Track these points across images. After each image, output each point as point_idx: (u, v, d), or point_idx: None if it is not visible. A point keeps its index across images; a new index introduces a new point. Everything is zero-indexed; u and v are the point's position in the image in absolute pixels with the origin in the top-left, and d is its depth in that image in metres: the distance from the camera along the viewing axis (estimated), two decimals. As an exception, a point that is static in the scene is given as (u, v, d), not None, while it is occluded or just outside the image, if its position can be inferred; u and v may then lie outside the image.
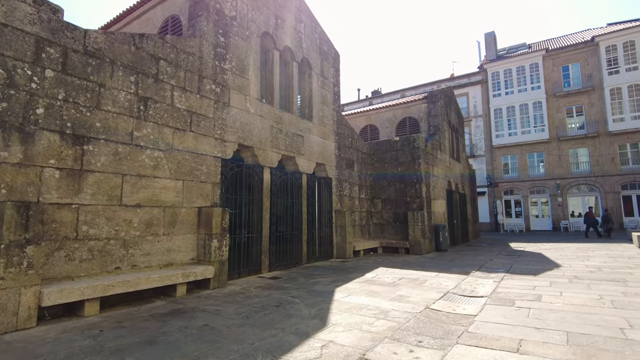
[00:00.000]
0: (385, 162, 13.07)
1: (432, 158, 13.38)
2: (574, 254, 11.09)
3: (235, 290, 6.02)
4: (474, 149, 29.68)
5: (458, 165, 17.37)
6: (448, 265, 8.85)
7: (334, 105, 11.14)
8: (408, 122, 15.83)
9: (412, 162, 12.41)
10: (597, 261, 9.18)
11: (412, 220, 11.76)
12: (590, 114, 25.42)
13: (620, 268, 7.93)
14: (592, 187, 25.10)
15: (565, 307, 4.68)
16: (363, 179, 12.69)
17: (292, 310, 4.67)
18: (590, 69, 25.64)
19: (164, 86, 6.12)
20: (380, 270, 8.09)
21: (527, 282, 6.55)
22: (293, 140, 9.10)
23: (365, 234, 12.55)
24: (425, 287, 6.21)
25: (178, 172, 6.21)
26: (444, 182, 14.59)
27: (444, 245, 12.53)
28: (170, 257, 5.98)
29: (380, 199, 13.04)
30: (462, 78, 31.13)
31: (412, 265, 8.90)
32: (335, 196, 10.82)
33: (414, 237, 11.64)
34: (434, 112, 14.91)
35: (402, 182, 12.55)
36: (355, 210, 11.96)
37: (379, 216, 12.99)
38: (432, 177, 13.22)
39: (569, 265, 8.62)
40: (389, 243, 12.11)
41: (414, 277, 7.22)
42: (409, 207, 12.27)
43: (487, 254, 11.45)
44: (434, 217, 13.07)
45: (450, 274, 7.51)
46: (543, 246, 14.10)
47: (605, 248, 12.57)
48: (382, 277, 7.26)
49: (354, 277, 7.18)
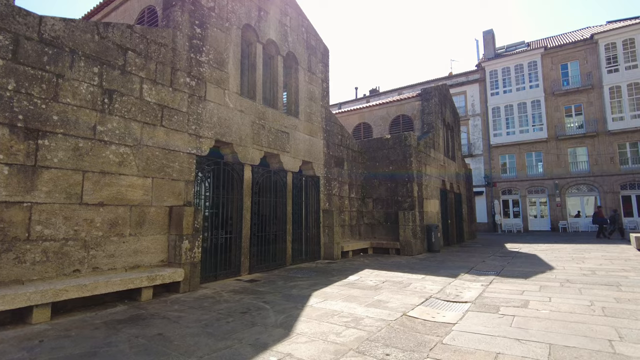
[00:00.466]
0: (376, 160, 12.74)
1: (424, 157, 13.04)
2: (569, 255, 10.76)
3: (206, 294, 5.70)
4: (472, 148, 29.33)
5: (453, 164, 17.03)
6: (437, 267, 8.52)
7: (322, 101, 10.80)
8: (401, 120, 15.49)
9: (403, 160, 12.08)
10: (592, 263, 8.84)
11: (402, 220, 11.43)
12: (589, 112, 25.05)
13: (615, 271, 7.59)
14: (591, 187, 24.75)
15: (552, 314, 4.35)
16: (354, 177, 12.36)
17: (258, 317, 4.34)
18: (590, 67, 25.27)
19: (132, 78, 5.80)
20: (365, 273, 7.76)
21: (516, 286, 6.22)
22: (277, 137, 8.77)
23: (355, 234, 12.23)
24: (408, 291, 5.88)
25: (147, 169, 5.88)
26: (437, 182, 14.26)
27: (436, 246, 12.20)
28: (138, 259, 5.66)
29: (371, 198, 12.71)
30: (460, 76, 30.78)
31: (400, 267, 8.58)
32: (324, 195, 10.50)
33: (405, 237, 11.31)
34: (428, 109, 14.57)
35: (394, 181, 12.22)
36: (344, 210, 11.63)
37: (370, 216, 12.66)
38: (425, 176, 12.89)
39: (562, 267, 8.28)
40: (379, 244, 11.79)
41: (399, 280, 6.89)
42: (400, 206, 11.94)
43: (480, 256, 11.11)
44: (427, 217, 12.74)
45: (437, 277, 7.18)
46: (539, 247, 13.77)
47: (602, 249, 12.23)
48: (366, 279, 6.94)
49: (336, 280, 6.86)
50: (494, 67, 28.71)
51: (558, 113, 26.07)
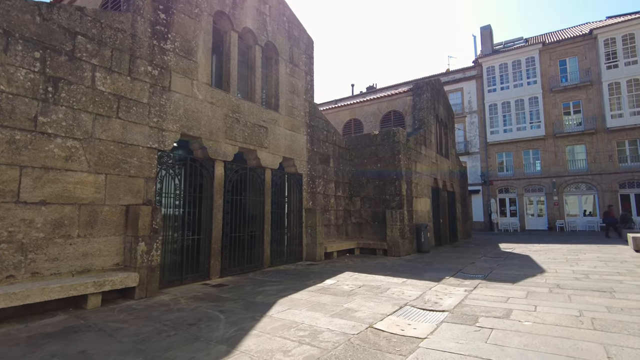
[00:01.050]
0: (364, 157, 12.25)
1: (415, 153, 12.56)
2: (563, 256, 10.29)
3: (162, 301, 5.23)
4: (468, 146, 28.84)
5: (446, 162, 16.54)
6: (422, 270, 8.05)
7: (305, 95, 10.31)
8: (392, 116, 15.00)
9: (391, 157, 11.59)
10: (586, 265, 8.37)
11: (390, 220, 10.95)
12: (587, 109, 24.55)
13: (609, 274, 7.12)
14: (589, 185, 24.27)
15: (535, 327, 3.88)
16: (340, 175, 11.88)
17: (205, 330, 3.87)
18: (588, 63, 24.75)
19: (83, 65, 5.30)
20: (344, 276, 7.29)
21: (501, 291, 5.75)
22: (254, 132, 8.29)
23: (342, 233, 11.75)
24: (384, 297, 5.41)
25: (100, 164, 5.40)
26: (429, 180, 13.78)
27: (425, 247, 11.73)
28: (88, 263, 5.18)
29: (359, 196, 12.23)
30: (457, 73, 30.25)
31: (383, 270, 8.11)
32: (306, 193, 10.02)
33: (392, 237, 10.84)
34: (419, 105, 14.07)
35: (382, 179, 11.74)
36: (330, 209, 11.15)
37: (358, 215, 12.19)
38: (415, 174, 12.40)
39: (554, 270, 7.82)
40: (366, 244, 11.31)
41: (377, 284, 6.42)
42: (388, 205, 11.46)
43: (471, 257, 10.65)
44: (417, 216, 12.27)
45: (419, 281, 6.71)
46: (533, 247, 13.31)
47: (598, 250, 11.77)
48: (342, 284, 6.47)
49: (310, 285, 6.39)
50: (491, 63, 28.18)
51: (556, 110, 25.56)
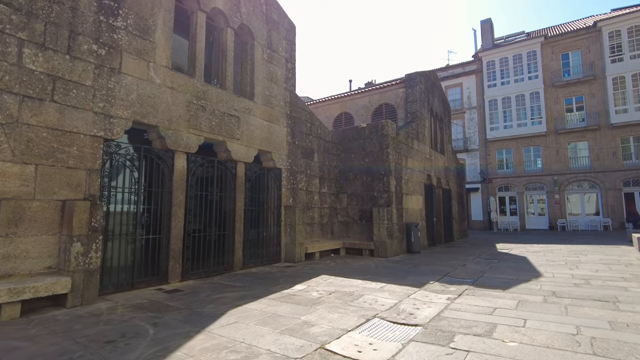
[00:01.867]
0: (351, 152, 11.54)
1: (405, 148, 11.84)
2: (563, 258, 9.57)
3: (97, 310, 4.55)
4: (467, 143, 28.06)
5: (442, 158, 15.81)
6: (406, 273, 7.36)
7: (286, 84, 9.60)
8: (384, 109, 14.28)
9: (379, 151, 10.88)
10: (587, 269, 7.65)
11: (377, 218, 10.24)
12: (590, 105, 23.71)
13: (613, 280, 6.41)
14: (592, 183, 23.47)
15: (521, 350, 3.18)
16: (326, 171, 11.18)
17: (119, 351, 3.19)
18: (592, 56, 23.89)
19: (6, 39, 4.62)
20: (317, 280, 6.60)
21: (489, 300, 5.05)
22: (223, 121, 7.59)
23: (327, 233, 11.06)
24: (353, 307, 4.72)
25: (28, 153, 4.72)
26: (421, 176, 13.05)
27: (416, 247, 11.02)
28: (11, 266, 4.51)
29: (346, 193, 11.53)
30: (456, 67, 29.43)
31: (364, 272, 7.42)
32: (286, 190, 9.32)
33: (379, 237, 10.13)
34: (412, 97, 13.34)
35: (369, 174, 11.03)
36: (314, 207, 10.46)
37: (344, 213, 11.49)
38: (406, 170, 11.69)
39: (551, 274, 7.10)
40: (352, 244, 10.62)
41: (351, 290, 5.73)
42: (376, 202, 10.75)
43: (463, 257, 9.94)
44: (407, 214, 11.56)
45: (399, 286, 6.02)
46: (532, 248, 12.58)
47: (601, 251, 11.03)
48: (312, 289, 5.78)
49: (276, 291, 5.71)
50: (491, 58, 27.34)
51: (558, 105, 24.73)
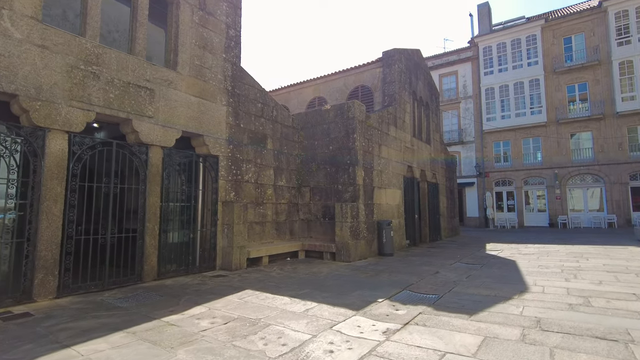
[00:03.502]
0: (315, 138, 9.96)
1: (378, 134, 10.23)
2: (559, 263, 7.98)
3: None
4: (463, 134, 26.36)
5: (427, 148, 14.18)
6: (358, 285, 5.80)
7: (227, 54, 8.01)
8: (360, 92, 12.66)
9: (345, 137, 9.29)
10: (587, 279, 6.07)
11: (339, 216, 8.68)
12: (595, 92, 21.93)
13: (622, 298, 4.82)
14: (596, 177, 21.76)
15: None
16: (284, 160, 9.61)
17: None
18: (597, 40, 22.07)
19: None
20: (231, 299, 5.06)
21: (441, 337, 3.48)
22: (128, 94, 6.03)
23: (284, 233, 9.51)
24: (236, 349, 3.18)
25: None
26: (400, 167, 11.45)
27: (387, 248, 9.46)
28: None
29: (308, 187, 9.96)
30: (451, 54, 27.66)
31: (305, 285, 5.87)
32: (225, 182, 7.77)
33: (342, 238, 8.57)
34: (390, 77, 11.71)
35: (334, 164, 9.45)
36: (266, 202, 8.91)
37: (307, 210, 9.93)
38: (379, 160, 10.09)
39: (541, 288, 5.52)
40: (312, 245, 9.06)
41: (261, 316, 4.19)
42: (341, 197, 9.18)
43: (441, 262, 8.38)
44: (380, 210, 9.98)
45: (333, 308, 4.47)
46: (526, 249, 10.98)
47: (605, 253, 9.42)
48: (206, 317, 4.24)
49: (157, 317, 4.17)
50: (488, 43, 25.56)
51: (559, 93, 22.97)
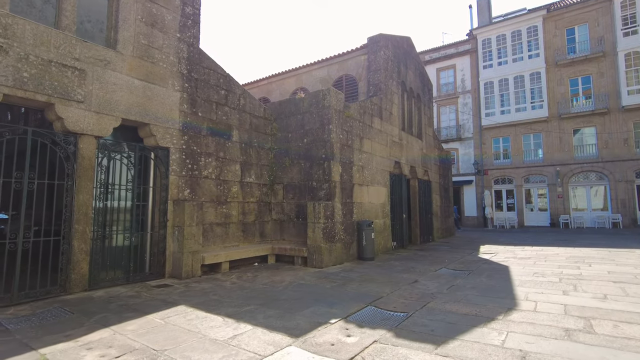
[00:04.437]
0: (289, 130, 9.04)
1: (360, 127, 9.31)
2: (558, 270, 7.04)
3: None
4: (461, 131, 25.35)
5: (418, 143, 13.23)
6: (318, 298, 4.89)
7: (182, 33, 7.10)
8: (344, 82, 11.73)
9: (320, 129, 8.37)
10: (590, 292, 5.13)
11: (311, 216, 7.76)
12: (599, 85, 20.88)
13: (633, 318, 3.88)
14: (600, 174, 20.73)
15: None
16: (253, 154, 8.70)
17: None
18: (601, 30, 21.00)
19: None
20: (152, 319, 4.16)
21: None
22: (49, 74, 5.13)
23: (253, 235, 8.61)
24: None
25: None
26: (385, 163, 10.52)
27: (367, 252, 8.54)
28: None
29: (281, 184, 9.05)
30: (449, 47, 26.63)
31: (253, 299, 4.97)
32: (178, 178, 6.88)
33: (314, 240, 7.65)
34: (375, 65, 10.77)
35: (308, 159, 8.54)
36: (231, 201, 8.01)
37: (280, 209, 9.02)
38: (360, 154, 9.17)
39: (533, 304, 4.59)
40: (282, 249, 8.15)
41: (169, 346, 3.28)
42: (315, 195, 8.27)
43: (425, 268, 7.45)
44: (362, 210, 9.06)
45: (270, 333, 3.56)
46: (522, 252, 10.04)
47: (610, 258, 8.47)
48: (101, 345, 3.34)
49: (36, 346, 3.28)
50: (487, 35, 24.52)
51: (562, 87, 21.92)
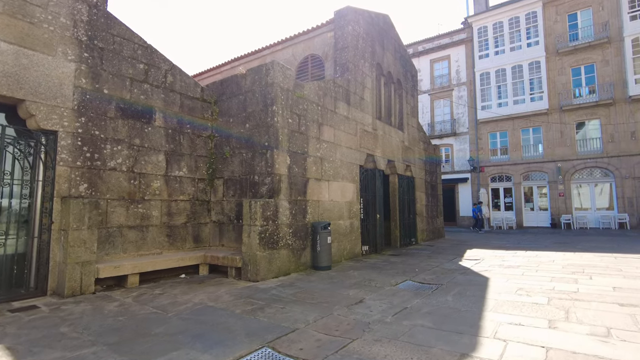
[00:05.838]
0: (230, 114, 7.62)
1: (318, 111, 7.86)
2: (550, 284, 5.57)
3: None
4: (456, 125, 23.83)
5: (398, 134, 11.77)
6: (203, 334, 3.47)
7: (77, -9, 5.70)
8: (310, 63, 10.30)
9: (263, 111, 6.93)
10: (587, 322, 3.66)
11: (247, 217, 6.32)
12: (603, 74, 19.29)
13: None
14: (605, 170, 19.15)
15: None
16: (186, 143, 7.29)
17: None
18: (606, 15, 19.41)
19: None
20: None
21: None
22: None
23: (184, 240, 7.19)
24: None
25: None
26: (354, 155, 9.06)
27: (323, 260, 7.09)
28: None
29: (222, 178, 7.63)
30: (443, 37, 25.10)
31: (108, 335, 3.55)
32: (70, 169, 5.48)
33: (248, 247, 6.22)
34: (342, 42, 9.31)
35: (251, 148, 7.11)
36: (150, 199, 6.60)
37: (219, 209, 7.60)
38: (316, 143, 7.73)
39: (499, 347, 3.12)
40: (214, 257, 6.71)
41: None
42: (257, 191, 6.84)
43: (386, 280, 6.00)
44: (319, 209, 7.62)
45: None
46: (512, 259, 8.56)
47: (616, 267, 6.97)
48: None
49: None
50: (483, 23, 22.96)
51: (563, 77, 20.35)
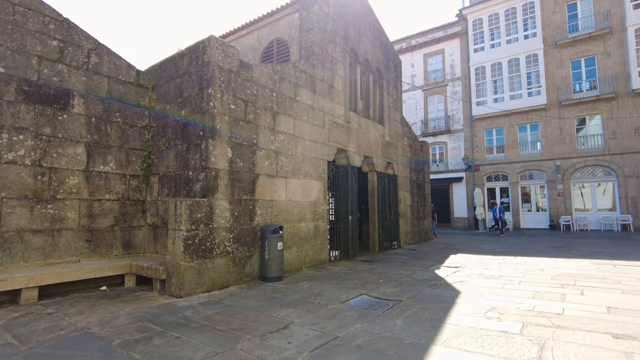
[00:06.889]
0: (167, 100, 6.60)
1: (272, 97, 6.83)
2: (531, 302, 4.52)
3: None
4: (450, 122, 22.76)
5: (377, 128, 10.72)
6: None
7: (-42, -54, 4.71)
8: (275, 48, 9.29)
9: (199, 95, 5.91)
10: (573, 371, 2.63)
11: (172, 220, 5.29)
12: (605, 67, 18.18)
13: None
14: (607, 169, 18.03)
15: None
16: (114, 134, 6.29)
17: None
18: (607, 3, 18.31)
19: None
20: None
21: None
22: None
23: (110, 247, 6.18)
24: None
25: None
26: (321, 150, 8.03)
27: (273, 269, 6.05)
28: None
29: (157, 174, 6.62)
30: (437, 30, 24.04)
31: None
32: (-57, 161, 4.49)
33: (173, 256, 5.19)
34: (308, 23, 8.30)
35: (186, 139, 6.09)
36: (64, 198, 5.61)
37: (154, 210, 6.58)
38: (270, 134, 6.69)
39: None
40: (140, 267, 5.70)
41: None
42: (191, 189, 5.83)
43: (338, 294, 4.97)
44: (274, 210, 6.59)
45: None
46: (497, 266, 7.50)
47: (614, 279, 5.91)
48: None
49: None
50: (478, 15, 21.90)
51: (562, 70, 19.25)
